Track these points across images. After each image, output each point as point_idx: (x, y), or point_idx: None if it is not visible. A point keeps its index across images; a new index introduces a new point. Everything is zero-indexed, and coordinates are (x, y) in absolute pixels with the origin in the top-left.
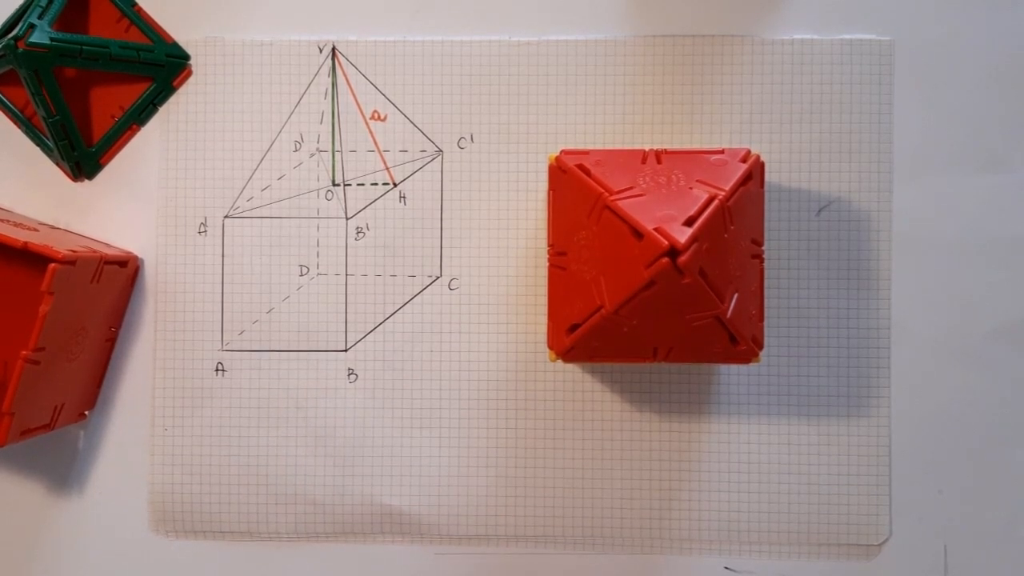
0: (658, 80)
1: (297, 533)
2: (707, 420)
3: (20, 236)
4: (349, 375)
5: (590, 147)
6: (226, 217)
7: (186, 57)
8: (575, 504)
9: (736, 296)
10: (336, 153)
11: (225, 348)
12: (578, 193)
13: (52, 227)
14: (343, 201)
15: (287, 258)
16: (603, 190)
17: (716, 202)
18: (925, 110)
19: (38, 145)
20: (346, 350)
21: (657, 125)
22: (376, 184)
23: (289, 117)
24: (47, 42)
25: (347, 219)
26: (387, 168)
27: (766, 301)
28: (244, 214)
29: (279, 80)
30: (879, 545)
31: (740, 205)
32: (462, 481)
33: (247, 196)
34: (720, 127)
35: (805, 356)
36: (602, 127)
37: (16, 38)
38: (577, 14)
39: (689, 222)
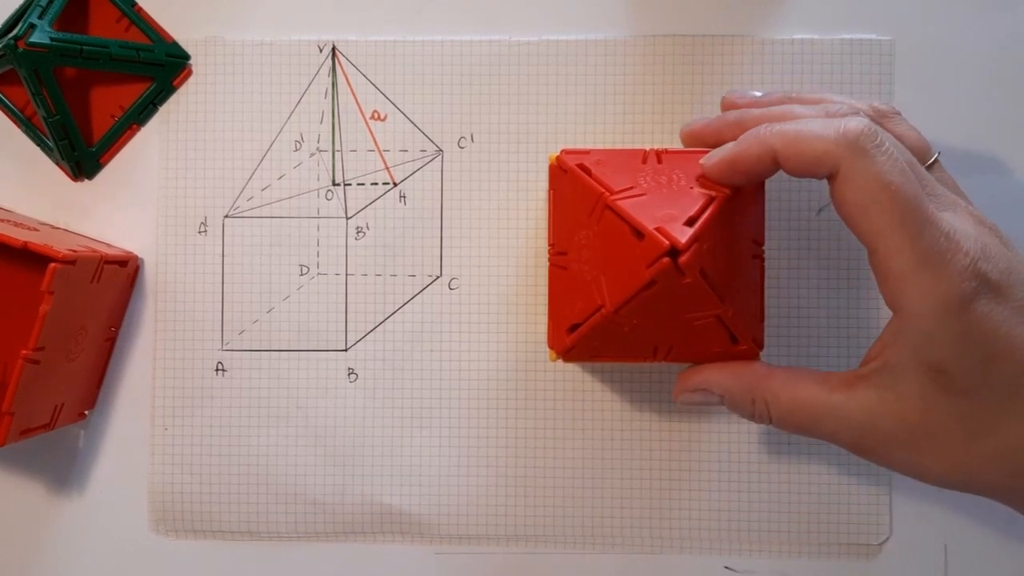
0: (658, 80)
1: (297, 533)
2: (707, 420)
3: (20, 236)
4: (349, 375)
5: (590, 147)
6: (226, 217)
7: (186, 57)
8: (575, 504)
9: (737, 295)
10: (336, 153)
11: (225, 348)
12: (578, 193)
13: (52, 227)
14: (343, 201)
15: (287, 258)
16: (604, 190)
17: (716, 202)
18: (925, 110)
19: (38, 145)
20: (346, 350)
21: (657, 125)
22: (376, 184)
23: (289, 117)
24: (47, 42)
25: (347, 219)
26: (387, 168)
27: (766, 301)
28: (244, 214)
29: (279, 80)
30: (879, 545)
31: (740, 205)
32: (462, 481)
33: (247, 196)
34: None
35: (805, 356)
36: (602, 127)
37: (16, 38)
38: (577, 14)
39: (690, 222)
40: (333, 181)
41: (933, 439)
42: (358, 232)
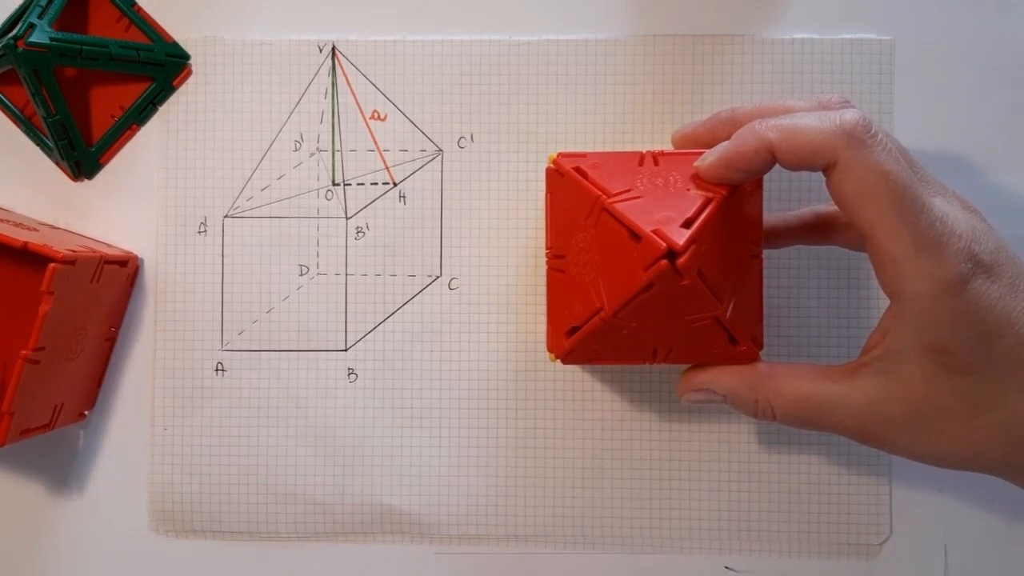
0: (658, 80)
1: (297, 533)
2: (707, 420)
3: (20, 236)
4: (349, 375)
5: (590, 147)
6: (226, 217)
7: (186, 57)
8: (575, 504)
9: (735, 296)
10: (336, 153)
11: (225, 348)
12: (575, 196)
13: (52, 227)
14: (343, 201)
15: (287, 258)
16: (600, 193)
17: (714, 203)
18: (925, 110)
19: (38, 145)
20: (346, 350)
21: (657, 125)
22: (376, 184)
23: (289, 117)
24: (47, 41)
25: (347, 219)
26: (387, 168)
27: (766, 301)
28: (244, 214)
29: (279, 80)
30: (879, 545)
31: (739, 205)
32: (462, 481)
33: (247, 196)
34: None
35: (805, 356)
36: (602, 127)
37: (16, 37)
38: (577, 14)
39: (687, 224)
40: (333, 181)
41: (938, 420)
42: (358, 232)
